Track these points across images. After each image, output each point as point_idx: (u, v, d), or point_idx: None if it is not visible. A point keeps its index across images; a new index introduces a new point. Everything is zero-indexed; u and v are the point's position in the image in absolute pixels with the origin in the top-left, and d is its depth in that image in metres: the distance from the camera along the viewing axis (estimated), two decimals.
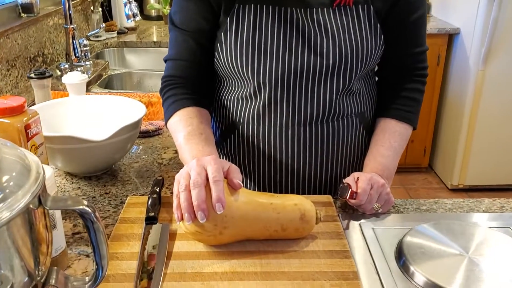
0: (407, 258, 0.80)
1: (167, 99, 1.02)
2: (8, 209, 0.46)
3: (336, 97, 1.00)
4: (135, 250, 0.80)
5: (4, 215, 0.46)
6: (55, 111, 1.16)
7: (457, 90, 3.00)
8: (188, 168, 0.80)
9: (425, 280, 0.76)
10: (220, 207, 0.75)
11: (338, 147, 1.04)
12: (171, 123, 1.00)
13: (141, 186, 1.07)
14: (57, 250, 0.77)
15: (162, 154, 1.23)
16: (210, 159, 0.80)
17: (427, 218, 0.94)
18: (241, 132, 1.05)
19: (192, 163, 0.80)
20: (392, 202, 0.95)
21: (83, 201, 0.54)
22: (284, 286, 0.72)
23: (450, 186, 3.11)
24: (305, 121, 1.00)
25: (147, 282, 0.72)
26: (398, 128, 1.05)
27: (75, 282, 0.58)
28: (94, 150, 1.03)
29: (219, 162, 0.79)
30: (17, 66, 1.68)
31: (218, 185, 0.76)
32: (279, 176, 1.05)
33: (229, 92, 1.06)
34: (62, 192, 1.04)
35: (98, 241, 0.55)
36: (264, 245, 0.82)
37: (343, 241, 0.83)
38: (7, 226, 0.46)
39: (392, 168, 1.02)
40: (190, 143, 0.92)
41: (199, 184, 0.76)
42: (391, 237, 0.88)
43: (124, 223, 0.88)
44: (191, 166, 0.80)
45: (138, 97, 1.52)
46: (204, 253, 0.80)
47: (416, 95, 1.09)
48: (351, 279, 0.74)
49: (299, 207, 0.81)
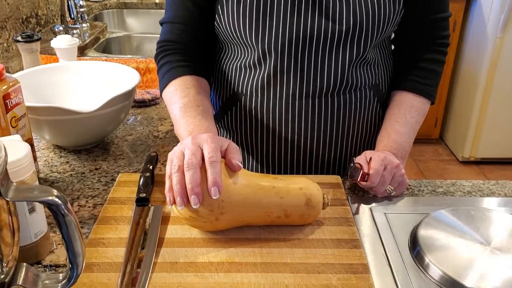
0: (421, 248, 0.72)
1: (162, 66, 0.93)
2: None
3: (348, 67, 0.90)
4: (123, 235, 0.73)
5: None
6: (42, 79, 1.07)
7: (472, 59, 2.87)
8: (182, 147, 0.72)
9: (441, 273, 0.68)
10: (216, 191, 0.67)
11: (350, 122, 0.95)
12: (166, 94, 0.91)
13: (135, 162, 0.99)
14: (38, 235, 0.69)
15: (159, 126, 1.15)
16: (207, 137, 0.71)
17: (444, 202, 0.86)
18: (243, 104, 0.96)
19: (186, 141, 0.72)
20: (407, 184, 0.87)
21: (52, 190, 0.46)
22: (286, 279, 0.65)
23: (460, 158, 3.02)
24: (314, 93, 0.90)
25: (135, 272, 0.65)
26: (415, 103, 0.96)
27: (46, 280, 0.50)
28: (83, 122, 0.95)
29: (216, 141, 0.71)
30: (7, 28, 1.58)
31: (214, 166, 0.68)
32: (284, 153, 0.97)
33: (231, 60, 0.96)
34: (49, 167, 0.96)
35: (71, 237, 0.47)
36: (265, 231, 0.74)
37: (352, 228, 0.75)
38: None
39: (407, 147, 0.93)
40: (186, 116, 0.84)
41: (193, 165, 0.68)
42: (405, 223, 0.80)
43: (113, 203, 0.81)
44: (185, 144, 0.72)
45: (136, 63, 1.42)
46: (198, 240, 0.73)
47: (435, 66, 0.99)
48: (360, 272, 0.67)
49: (304, 191, 0.73)
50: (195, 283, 0.64)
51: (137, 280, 0.64)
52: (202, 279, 0.65)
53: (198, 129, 0.81)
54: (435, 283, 0.68)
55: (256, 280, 0.65)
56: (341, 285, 0.64)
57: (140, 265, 0.67)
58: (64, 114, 0.92)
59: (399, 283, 0.67)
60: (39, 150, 1.03)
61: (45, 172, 0.95)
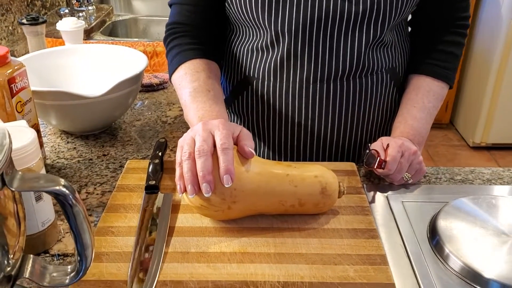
0: (441, 238, 0.70)
1: (172, 49, 0.90)
2: None
3: (365, 50, 0.87)
4: (133, 224, 0.71)
5: None
6: (48, 62, 1.05)
7: (485, 41, 2.81)
8: (192, 133, 0.69)
9: (461, 265, 0.66)
10: (228, 179, 0.64)
11: (365, 107, 0.92)
12: (175, 78, 0.88)
13: (143, 148, 0.97)
14: (45, 223, 0.67)
15: (167, 111, 1.12)
16: (219, 123, 0.68)
17: (463, 190, 0.83)
18: (254, 88, 0.93)
19: (197, 127, 0.69)
20: (424, 171, 0.84)
21: (59, 179, 0.44)
22: (301, 271, 0.63)
23: (471, 143, 2.98)
24: (329, 77, 0.87)
25: (146, 261, 0.63)
26: (433, 87, 0.92)
27: (54, 273, 0.48)
28: (90, 107, 0.93)
29: (228, 127, 0.68)
30: (12, 11, 1.55)
31: (227, 154, 0.65)
32: (297, 139, 0.94)
33: (243, 42, 0.93)
34: (56, 153, 0.94)
35: (80, 228, 0.45)
36: (279, 221, 0.72)
37: (368, 218, 0.73)
38: None
39: (424, 133, 0.90)
40: (196, 102, 0.81)
41: (205, 152, 0.65)
42: (423, 212, 0.77)
43: (122, 191, 0.78)
44: (196, 130, 0.69)
45: (143, 46, 1.39)
46: (210, 229, 0.70)
47: (454, 49, 0.95)
48: (378, 264, 0.64)
49: (319, 179, 0.70)
50: (207, 274, 0.62)
51: (148, 265, 0.62)
52: (215, 269, 0.63)
53: (208, 115, 0.78)
54: (455, 274, 0.65)
55: (270, 271, 0.63)
56: (359, 277, 0.62)
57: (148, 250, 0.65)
58: (71, 98, 0.90)
59: (418, 275, 0.65)
60: (46, 135, 1.01)
61: (52, 158, 0.93)
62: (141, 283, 0.60)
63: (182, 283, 0.60)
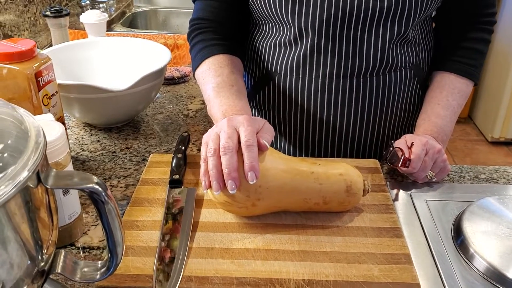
0: (466, 238, 0.69)
1: (195, 45, 0.90)
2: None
3: (389, 46, 0.86)
4: (157, 218, 0.72)
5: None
6: (72, 55, 1.05)
7: (506, 35, 2.76)
8: (217, 129, 0.69)
9: (486, 265, 0.65)
10: (253, 176, 0.64)
11: (388, 103, 0.91)
12: (199, 73, 0.88)
13: (165, 141, 0.97)
14: (71, 216, 0.68)
15: (188, 104, 1.12)
16: (243, 119, 0.68)
17: (487, 189, 0.83)
18: (276, 83, 0.93)
19: (222, 123, 0.70)
20: (448, 170, 0.83)
21: (92, 177, 0.44)
22: (326, 269, 0.63)
23: (490, 138, 2.94)
24: (352, 73, 0.87)
25: (170, 257, 0.64)
26: (458, 84, 0.91)
27: (85, 268, 0.49)
28: (114, 100, 0.93)
29: (253, 123, 0.68)
30: (35, 2, 1.56)
31: (251, 150, 0.65)
32: (318, 135, 0.94)
33: (266, 37, 0.92)
34: (80, 146, 0.95)
35: (112, 226, 0.46)
36: (303, 218, 0.72)
37: (392, 216, 0.73)
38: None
39: (448, 131, 0.89)
40: (220, 97, 0.81)
41: (230, 149, 0.65)
42: (447, 211, 0.77)
43: (146, 185, 0.79)
44: (221, 126, 0.69)
45: (164, 39, 1.39)
46: (234, 225, 0.71)
47: (480, 45, 0.94)
48: (403, 263, 0.64)
49: (345, 177, 0.70)
50: (232, 271, 0.62)
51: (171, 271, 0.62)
52: (239, 266, 0.63)
53: (232, 110, 0.78)
54: (480, 274, 0.65)
55: (295, 269, 0.63)
56: (383, 276, 0.62)
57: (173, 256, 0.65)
58: (96, 92, 0.90)
59: (443, 275, 0.65)
60: (69, 128, 1.02)
61: (76, 150, 0.94)
62: (167, 278, 0.61)
63: (207, 279, 0.61)
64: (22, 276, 0.43)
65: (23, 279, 0.43)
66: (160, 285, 0.60)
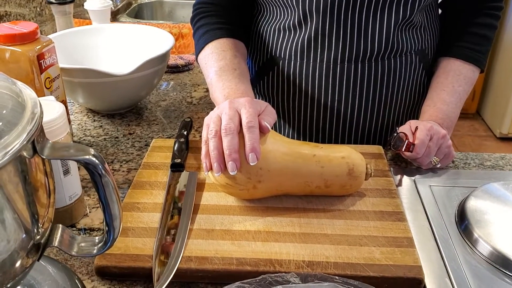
0: (470, 223, 0.68)
1: (198, 29, 0.89)
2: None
3: (394, 31, 0.85)
4: (158, 201, 0.71)
5: None
6: (76, 41, 1.05)
7: None
8: (219, 111, 0.69)
9: (491, 249, 0.64)
10: (254, 157, 0.64)
11: (393, 89, 0.90)
12: (201, 57, 0.88)
13: (168, 128, 0.97)
14: (72, 197, 0.68)
15: (192, 92, 1.12)
16: (245, 101, 0.68)
17: (493, 176, 0.82)
18: (281, 68, 0.92)
19: (223, 105, 0.69)
20: (453, 156, 0.82)
21: (89, 149, 0.44)
22: (326, 251, 0.62)
23: (498, 134, 2.91)
24: (357, 58, 0.86)
25: (171, 237, 0.64)
26: (463, 70, 0.90)
27: (82, 243, 0.49)
28: (117, 85, 0.93)
29: (255, 105, 0.68)
30: None
31: (252, 132, 0.65)
32: (322, 121, 0.93)
33: (269, 21, 0.92)
34: (83, 131, 0.95)
35: (108, 199, 0.45)
36: (304, 201, 0.71)
37: (395, 201, 0.72)
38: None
39: (453, 117, 0.88)
40: (222, 80, 0.81)
41: (231, 131, 0.65)
42: (451, 197, 0.76)
43: (148, 168, 0.79)
44: (222, 108, 0.69)
45: (168, 28, 1.39)
46: (234, 208, 0.70)
47: (487, 31, 0.92)
48: (405, 246, 0.63)
49: (347, 160, 0.69)
50: (232, 251, 0.62)
51: (172, 248, 0.62)
52: (239, 247, 0.63)
53: (234, 93, 0.78)
54: (484, 259, 0.64)
55: (295, 250, 0.62)
56: (385, 258, 0.61)
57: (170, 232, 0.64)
58: (98, 76, 0.90)
59: (446, 259, 0.64)
60: (73, 113, 1.02)
61: (78, 135, 0.94)
62: (167, 258, 0.60)
63: (207, 259, 0.61)
64: (16, 249, 0.42)
65: (17, 251, 0.42)
66: (160, 265, 0.60)
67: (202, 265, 0.60)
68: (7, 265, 0.42)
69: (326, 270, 0.59)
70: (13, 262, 0.42)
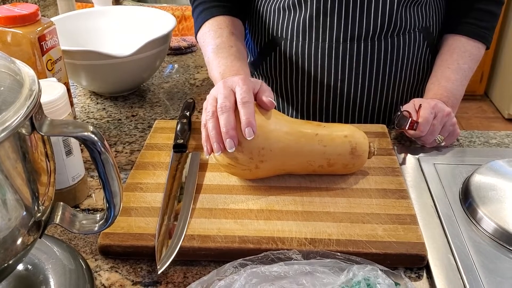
0: (474, 200, 0.68)
1: (196, 7, 0.89)
2: None
3: (397, 7, 0.83)
4: (161, 181, 0.71)
5: None
6: (78, 24, 1.05)
7: None
8: (214, 92, 0.69)
9: (495, 226, 0.64)
10: (250, 132, 0.64)
11: (397, 67, 0.89)
12: (200, 36, 0.87)
13: (171, 109, 0.97)
14: (75, 178, 0.69)
15: (195, 74, 1.12)
16: (238, 79, 0.68)
17: (498, 154, 0.81)
18: (282, 49, 0.91)
19: (218, 86, 0.69)
20: (458, 134, 0.82)
21: (87, 126, 0.44)
22: (329, 228, 0.62)
23: (507, 115, 2.89)
24: (359, 36, 0.84)
25: (173, 217, 0.64)
26: (469, 47, 0.88)
27: (84, 221, 0.49)
28: (119, 67, 0.93)
29: (248, 82, 0.68)
30: None
31: (247, 107, 0.64)
32: (326, 101, 0.92)
33: (270, 1, 0.91)
34: (86, 113, 0.95)
35: (108, 176, 0.45)
36: (306, 180, 0.71)
37: (398, 179, 0.71)
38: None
39: (458, 95, 0.86)
40: (218, 57, 0.80)
41: (227, 109, 0.65)
42: (455, 174, 0.75)
43: (151, 149, 0.79)
44: (217, 89, 0.69)
45: (171, 10, 1.38)
46: (237, 187, 0.70)
47: (492, 7, 0.91)
48: (408, 223, 0.63)
49: (349, 139, 0.69)
50: (235, 229, 0.62)
51: (174, 227, 0.62)
52: (242, 225, 0.63)
53: (229, 70, 0.78)
54: (488, 236, 0.64)
55: (297, 228, 0.62)
56: (388, 235, 0.61)
57: (173, 212, 0.65)
58: (100, 58, 0.90)
59: (449, 236, 0.63)
60: (76, 96, 1.02)
61: (81, 118, 0.94)
62: (170, 237, 0.61)
63: (209, 237, 0.61)
64: (17, 226, 0.42)
65: (18, 228, 0.43)
66: (163, 243, 0.60)
67: (204, 243, 0.60)
68: (8, 242, 0.42)
69: (328, 247, 0.59)
70: (14, 239, 0.43)
